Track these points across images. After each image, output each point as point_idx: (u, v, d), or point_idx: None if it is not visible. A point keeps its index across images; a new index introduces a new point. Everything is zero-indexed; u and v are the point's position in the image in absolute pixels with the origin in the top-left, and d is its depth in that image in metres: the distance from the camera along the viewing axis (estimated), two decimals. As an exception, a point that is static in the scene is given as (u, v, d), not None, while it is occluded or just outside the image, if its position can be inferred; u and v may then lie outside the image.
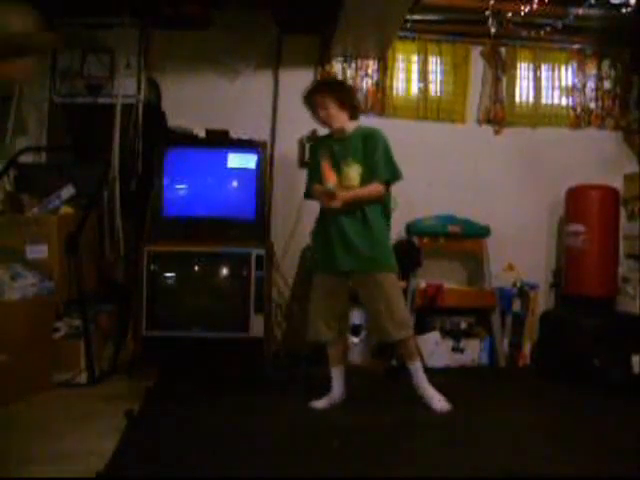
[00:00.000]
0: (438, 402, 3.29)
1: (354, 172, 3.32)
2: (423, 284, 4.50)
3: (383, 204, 3.39)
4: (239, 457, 2.66)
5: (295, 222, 4.69)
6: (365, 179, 3.31)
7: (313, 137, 3.56)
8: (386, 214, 3.42)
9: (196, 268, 4.11)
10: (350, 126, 3.40)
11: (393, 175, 3.35)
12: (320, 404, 3.37)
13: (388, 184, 3.35)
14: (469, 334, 4.55)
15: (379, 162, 3.31)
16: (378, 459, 2.68)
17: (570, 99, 5.02)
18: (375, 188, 3.30)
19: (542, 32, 4.64)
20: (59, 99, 4.43)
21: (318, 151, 3.47)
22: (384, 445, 2.85)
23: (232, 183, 4.26)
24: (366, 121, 4.78)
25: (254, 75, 4.74)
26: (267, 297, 4.13)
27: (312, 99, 3.40)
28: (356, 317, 4.28)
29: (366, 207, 3.31)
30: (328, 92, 3.36)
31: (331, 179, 3.29)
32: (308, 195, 3.53)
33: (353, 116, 3.42)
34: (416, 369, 3.36)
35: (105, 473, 2.39)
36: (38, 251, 3.70)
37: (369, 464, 2.62)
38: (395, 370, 3.97)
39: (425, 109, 4.88)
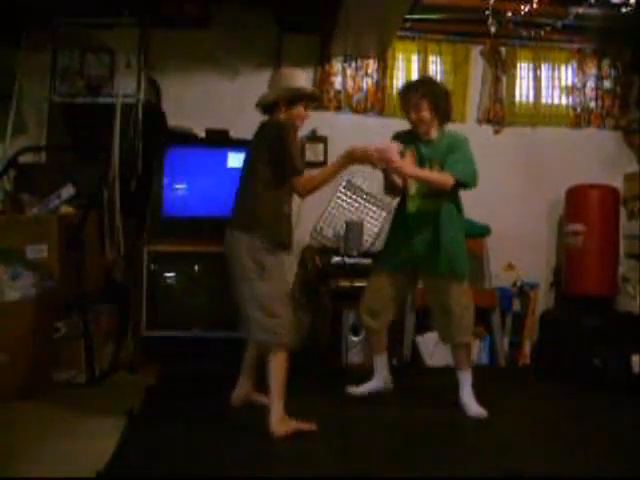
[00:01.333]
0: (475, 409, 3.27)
1: None
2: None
3: (456, 203, 3.37)
4: (239, 456, 2.66)
5: (295, 222, 4.67)
6: None
7: (400, 133, 3.45)
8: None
9: (196, 268, 4.11)
10: (436, 132, 3.34)
11: (466, 176, 3.26)
12: (359, 390, 3.51)
13: (460, 183, 3.27)
14: (469, 334, 4.55)
15: (456, 161, 3.25)
16: (377, 459, 2.68)
17: (570, 99, 5.03)
18: (443, 177, 3.21)
19: (542, 32, 4.64)
20: (59, 99, 4.42)
21: (404, 143, 3.31)
22: (383, 445, 2.85)
23: (232, 183, 4.26)
24: (366, 121, 4.84)
25: (254, 75, 4.74)
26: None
27: (408, 97, 3.32)
28: (356, 316, 4.28)
29: (441, 210, 3.29)
30: (426, 94, 3.26)
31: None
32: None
33: (442, 123, 3.35)
34: (466, 378, 3.34)
35: (105, 473, 2.39)
36: (38, 251, 3.70)
37: (368, 464, 2.62)
38: (396, 370, 3.97)
39: (425, 109, 4.87)
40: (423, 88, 3.32)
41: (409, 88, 3.39)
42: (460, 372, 3.36)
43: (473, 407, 3.26)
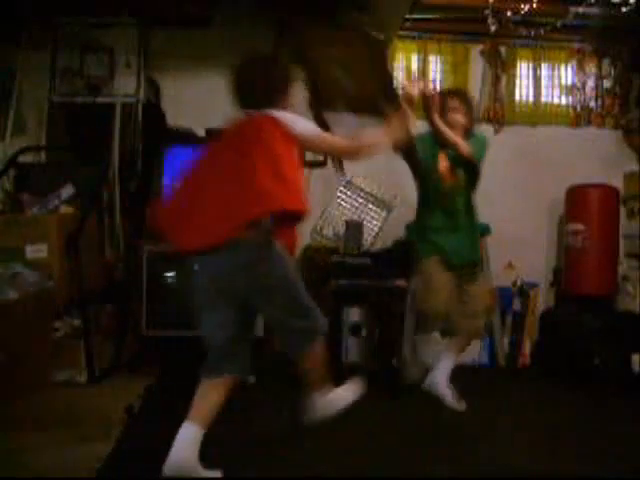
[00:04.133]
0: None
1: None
2: (423, 283, 4.49)
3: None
4: (238, 456, 2.66)
5: (295, 222, 4.68)
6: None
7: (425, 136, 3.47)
8: None
9: (196, 268, 4.10)
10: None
11: (475, 155, 3.32)
12: None
13: (471, 160, 3.31)
14: (469, 333, 4.54)
15: (472, 143, 3.30)
16: (377, 459, 2.68)
17: (570, 98, 5.02)
18: (463, 143, 3.22)
19: (542, 31, 4.63)
20: (58, 98, 4.42)
21: (432, 142, 3.31)
22: (383, 444, 2.85)
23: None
24: (366, 121, 4.83)
25: (254, 75, 4.73)
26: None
27: (448, 98, 3.31)
28: (356, 316, 4.28)
29: (469, 203, 3.40)
30: (465, 103, 3.32)
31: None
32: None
33: (468, 133, 3.35)
34: (452, 362, 3.31)
35: (105, 472, 2.39)
36: (38, 251, 3.70)
37: (368, 463, 2.62)
38: (396, 370, 3.98)
39: (425, 108, 4.87)
40: (464, 95, 3.42)
41: (457, 92, 3.51)
42: (453, 356, 3.31)
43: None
